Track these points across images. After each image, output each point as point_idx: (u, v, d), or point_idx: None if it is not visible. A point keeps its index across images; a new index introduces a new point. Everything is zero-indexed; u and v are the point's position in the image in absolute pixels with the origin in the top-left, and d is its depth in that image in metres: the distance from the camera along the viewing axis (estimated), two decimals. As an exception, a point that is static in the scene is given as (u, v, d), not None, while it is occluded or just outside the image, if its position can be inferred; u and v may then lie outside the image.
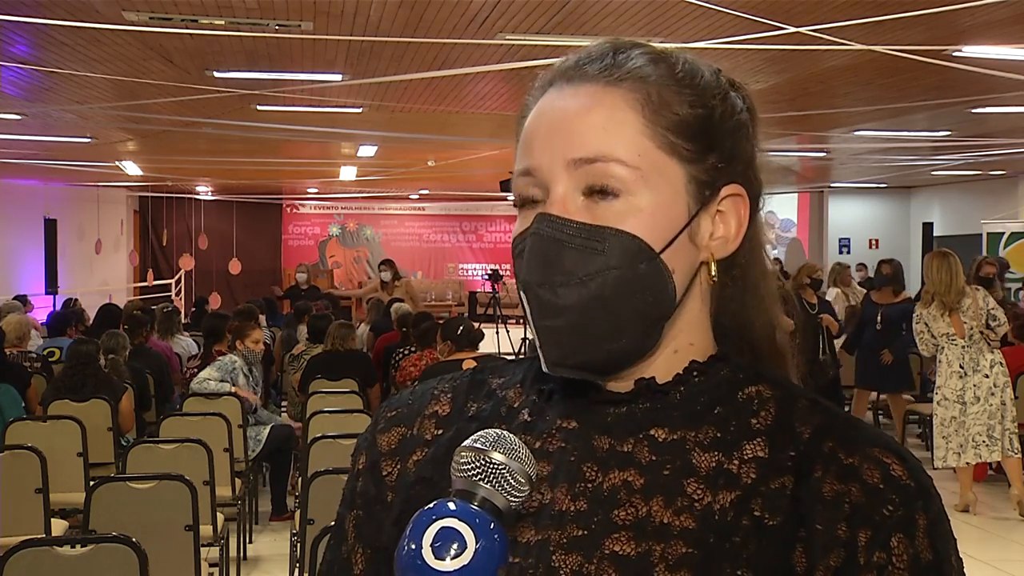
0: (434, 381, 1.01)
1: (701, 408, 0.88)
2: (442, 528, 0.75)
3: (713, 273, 0.90)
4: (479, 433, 0.81)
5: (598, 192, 0.85)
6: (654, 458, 0.86)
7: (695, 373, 0.90)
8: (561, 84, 0.90)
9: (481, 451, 0.79)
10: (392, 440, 0.98)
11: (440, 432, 0.96)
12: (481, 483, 0.78)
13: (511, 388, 0.97)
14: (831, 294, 10.72)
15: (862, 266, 18.98)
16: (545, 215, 0.86)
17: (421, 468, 0.94)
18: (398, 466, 0.96)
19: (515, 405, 0.94)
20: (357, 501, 0.98)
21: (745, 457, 0.85)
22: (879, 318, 8.24)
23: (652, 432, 0.87)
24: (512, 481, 0.79)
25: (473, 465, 0.78)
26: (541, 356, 0.87)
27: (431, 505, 0.77)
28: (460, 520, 0.75)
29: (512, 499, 0.79)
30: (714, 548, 0.81)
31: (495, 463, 0.78)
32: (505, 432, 0.81)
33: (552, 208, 0.86)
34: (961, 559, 0.85)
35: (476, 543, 0.74)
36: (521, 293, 0.88)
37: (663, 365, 0.89)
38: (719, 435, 0.87)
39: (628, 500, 0.85)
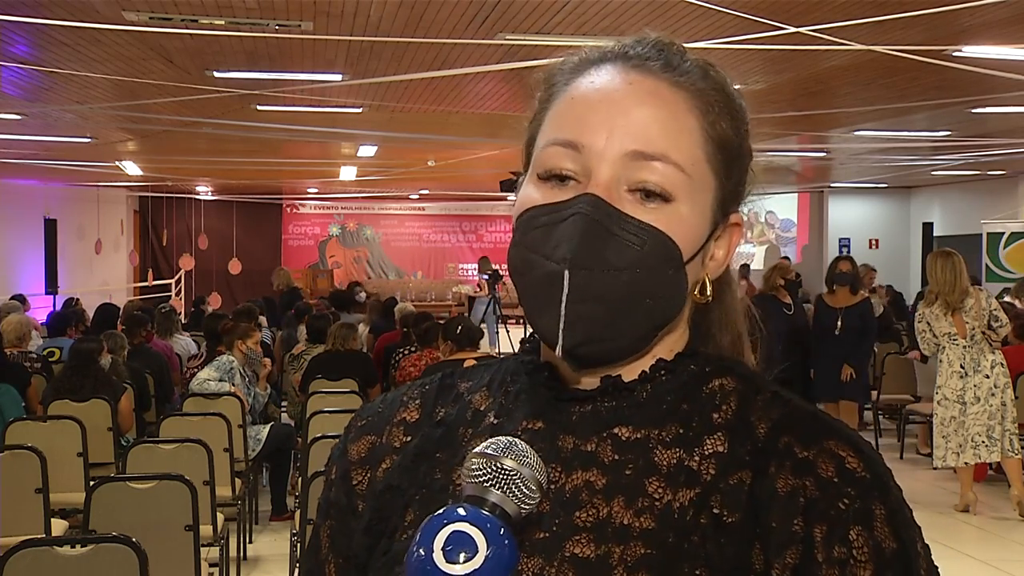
0: (405, 387, 1.01)
1: (667, 407, 0.87)
2: (453, 532, 0.74)
3: (709, 293, 0.91)
4: (490, 440, 0.80)
5: (646, 193, 0.84)
6: (617, 457, 0.85)
7: (662, 372, 0.89)
8: (622, 65, 0.88)
9: (492, 457, 0.78)
10: (362, 449, 0.97)
11: (408, 439, 0.95)
12: (492, 489, 0.77)
13: (478, 391, 0.96)
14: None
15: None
16: (596, 197, 0.83)
17: (389, 476, 0.93)
18: (368, 475, 0.96)
19: (481, 408, 0.94)
20: (330, 511, 0.98)
21: (705, 453, 0.84)
22: (839, 323, 7.54)
23: (616, 431, 0.86)
24: (523, 488, 0.78)
25: (484, 471, 0.78)
26: (559, 339, 0.83)
27: (441, 510, 0.76)
28: (471, 525, 0.74)
29: (523, 506, 0.78)
30: (672, 548, 0.80)
31: (506, 469, 0.78)
32: (516, 439, 0.80)
33: (597, 191, 0.84)
34: (928, 546, 0.83)
35: (487, 548, 0.74)
36: (565, 272, 0.82)
37: (638, 367, 0.89)
38: (681, 432, 0.86)
39: (590, 501, 0.84)
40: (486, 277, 16.41)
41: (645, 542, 0.81)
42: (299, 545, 4.37)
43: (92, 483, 4.18)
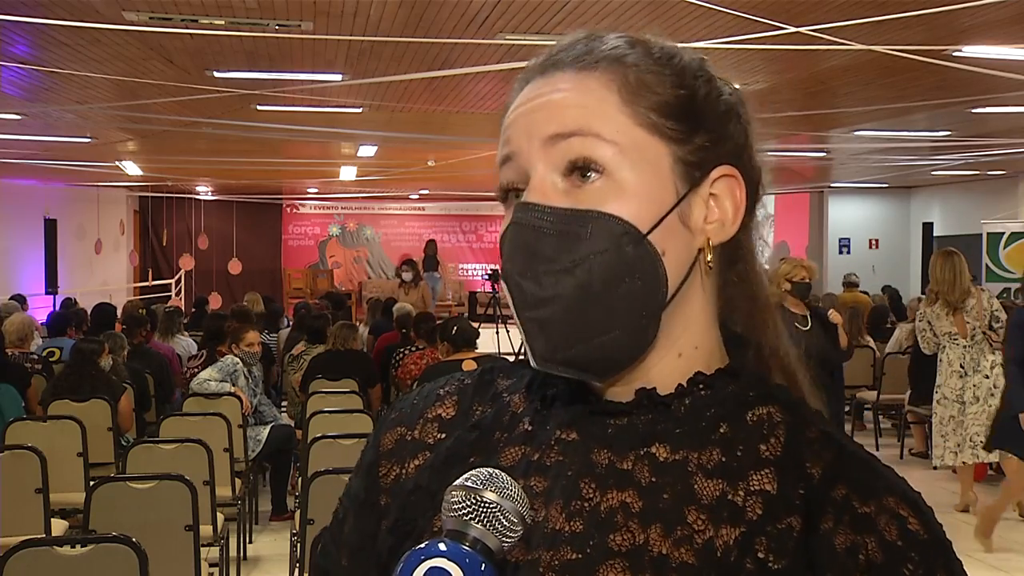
0: (442, 381, 0.98)
1: (706, 425, 0.84)
2: (431, 568, 0.73)
3: (709, 258, 0.86)
4: (471, 472, 0.78)
5: (578, 169, 0.82)
6: (654, 480, 0.82)
7: (700, 387, 0.86)
8: (535, 78, 0.88)
9: (473, 490, 0.76)
10: (391, 441, 0.95)
11: (443, 436, 0.93)
12: (473, 523, 0.75)
13: (517, 392, 0.93)
14: None
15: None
16: (523, 204, 0.83)
17: (419, 475, 0.91)
18: (396, 468, 0.93)
19: (518, 412, 0.91)
20: (352, 501, 0.97)
21: (751, 489, 0.81)
22: None
23: (653, 449, 0.84)
24: (504, 521, 0.76)
25: (464, 504, 0.76)
26: (528, 352, 0.84)
27: (422, 545, 0.75)
28: (450, 561, 0.73)
29: (505, 540, 0.76)
30: None
31: (487, 502, 0.76)
32: (498, 471, 0.78)
33: (531, 195, 0.83)
34: None
35: None
36: (503, 284, 0.85)
37: (667, 371, 0.86)
38: (724, 460, 0.83)
39: (625, 524, 0.81)
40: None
41: None
42: (299, 545, 4.36)
43: (92, 483, 4.18)
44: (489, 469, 0.78)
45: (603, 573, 0.79)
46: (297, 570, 4.54)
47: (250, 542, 6.23)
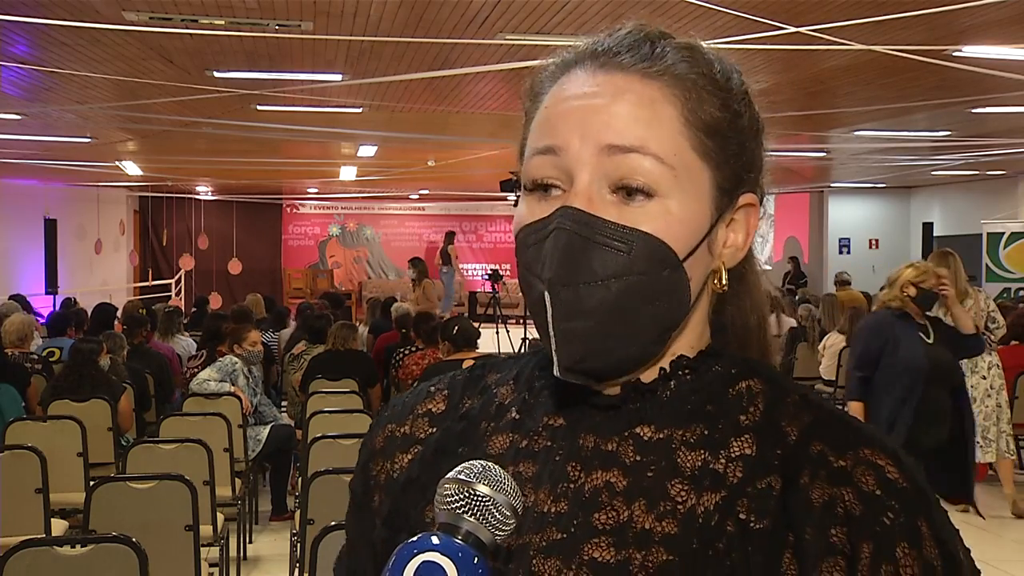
0: (435, 379, 1.00)
1: (692, 406, 0.85)
2: (424, 563, 0.72)
3: (724, 281, 0.88)
4: (464, 464, 0.77)
5: (628, 191, 0.81)
6: (639, 458, 0.83)
7: (685, 371, 0.87)
8: (591, 67, 0.86)
9: (466, 483, 0.76)
10: (382, 439, 0.96)
11: (433, 430, 0.94)
12: (466, 516, 0.75)
13: (504, 385, 0.94)
14: None
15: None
16: (570, 209, 0.81)
17: (410, 469, 0.92)
18: (387, 465, 0.94)
19: (505, 402, 0.92)
20: (353, 500, 0.98)
21: (732, 455, 0.82)
22: None
23: (637, 430, 0.85)
24: (497, 514, 0.75)
25: (457, 497, 0.75)
26: (555, 359, 0.83)
27: (414, 538, 0.74)
28: (443, 555, 0.72)
29: (497, 533, 0.76)
30: (696, 555, 0.78)
31: (480, 495, 0.75)
32: (491, 464, 0.78)
33: (576, 200, 0.81)
34: (968, 549, 0.82)
35: None
36: (545, 293, 0.82)
37: (656, 368, 0.87)
38: (706, 433, 0.83)
39: (610, 503, 0.82)
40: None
41: (668, 548, 0.79)
42: (299, 545, 4.36)
43: (92, 483, 4.17)
44: (482, 462, 0.78)
45: (588, 551, 0.81)
46: (297, 570, 4.54)
47: (250, 542, 6.22)
